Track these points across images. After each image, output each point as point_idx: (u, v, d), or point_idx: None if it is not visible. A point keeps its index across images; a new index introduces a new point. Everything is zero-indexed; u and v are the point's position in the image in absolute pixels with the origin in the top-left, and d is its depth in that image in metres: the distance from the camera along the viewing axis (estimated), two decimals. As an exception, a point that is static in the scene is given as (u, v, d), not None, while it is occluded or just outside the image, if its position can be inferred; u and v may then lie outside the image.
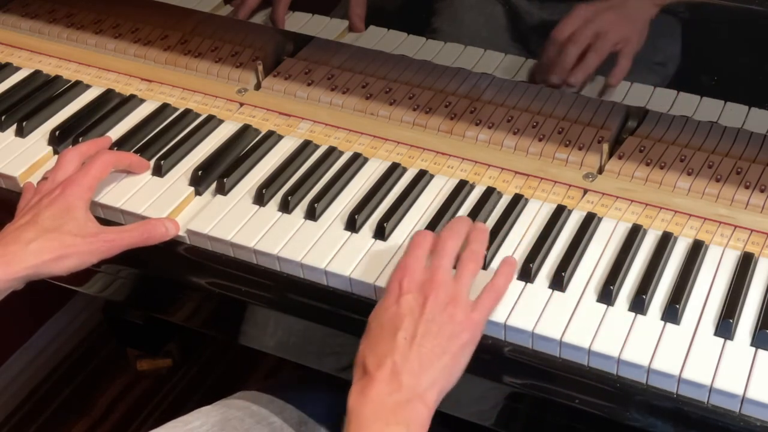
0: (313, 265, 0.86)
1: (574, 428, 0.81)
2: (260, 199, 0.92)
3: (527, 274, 0.83)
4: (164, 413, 1.65)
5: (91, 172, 0.90)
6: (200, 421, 0.94)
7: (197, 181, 0.95)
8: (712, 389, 0.74)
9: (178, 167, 0.98)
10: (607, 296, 0.81)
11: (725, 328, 0.78)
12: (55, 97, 1.09)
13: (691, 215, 0.89)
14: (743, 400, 0.74)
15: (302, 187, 0.93)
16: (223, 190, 0.94)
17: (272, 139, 1.01)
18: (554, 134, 0.98)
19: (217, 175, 0.96)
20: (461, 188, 0.93)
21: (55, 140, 1.02)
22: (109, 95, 1.09)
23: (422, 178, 0.95)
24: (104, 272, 0.96)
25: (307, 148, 0.99)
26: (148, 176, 0.97)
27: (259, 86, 1.09)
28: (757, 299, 0.81)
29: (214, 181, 0.95)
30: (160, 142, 1.01)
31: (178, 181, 0.96)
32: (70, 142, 1.02)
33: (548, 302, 0.81)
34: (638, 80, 0.87)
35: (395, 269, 0.80)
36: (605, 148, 0.95)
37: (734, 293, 0.81)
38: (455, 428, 1.01)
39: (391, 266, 0.85)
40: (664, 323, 0.79)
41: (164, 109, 1.06)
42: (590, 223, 0.88)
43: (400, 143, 1.00)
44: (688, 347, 0.77)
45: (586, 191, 0.93)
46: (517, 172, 0.96)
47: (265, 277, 0.88)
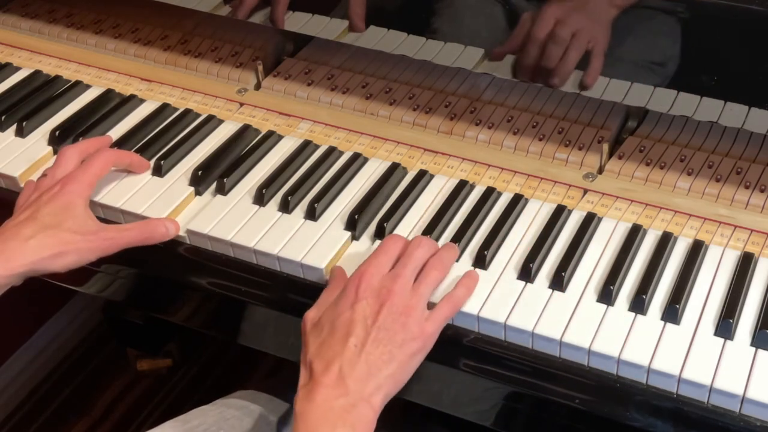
0: (313, 265, 0.86)
1: (574, 428, 0.81)
2: (260, 199, 0.92)
3: (527, 274, 0.83)
4: (164, 413, 1.65)
5: (90, 169, 0.90)
6: (199, 420, 0.94)
7: (197, 181, 0.95)
8: (712, 389, 0.74)
9: (178, 167, 0.98)
10: (607, 296, 0.81)
11: (725, 328, 0.78)
12: (55, 97, 1.09)
13: (691, 215, 0.89)
14: (743, 400, 0.74)
15: (302, 187, 0.93)
16: (223, 190, 0.94)
17: (272, 139, 1.01)
18: (554, 134, 0.98)
19: (217, 175, 0.96)
20: (461, 188, 0.93)
21: (55, 140, 1.02)
22: (109, 95, 1.09)
23: (422, 178, 0.95)
24: (104, 272, 0.96)
25: (307, 148, 0.99)
26: (148, 176, 0.97)
27: (259, 86, 1.09)
28: (757, 299, 0.81)
29: (214, 181, 0.95)
30: (160, 142, 1.01)
31: (178, 181, 0.96)
32: (70, 142, 1.02)
33: (548, 302, 0.81)
34: (638, 80, 0.87)
35: (355, 272, 0.79)
36: (605, 148, 0.95)
37: (734, 293, 0.81)
38: (455, 428, 1.01)
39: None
40: (664, 323, 0.79)
41: (164, 109, 1.06)
42: (590, 223, 0.88)
43: (400, 143, 1.00)
44: (688, 347, 0.77)
45: (586, 191, 0.93)
46: (517, 172, 0.96)
47: (265, 277, 0.88)
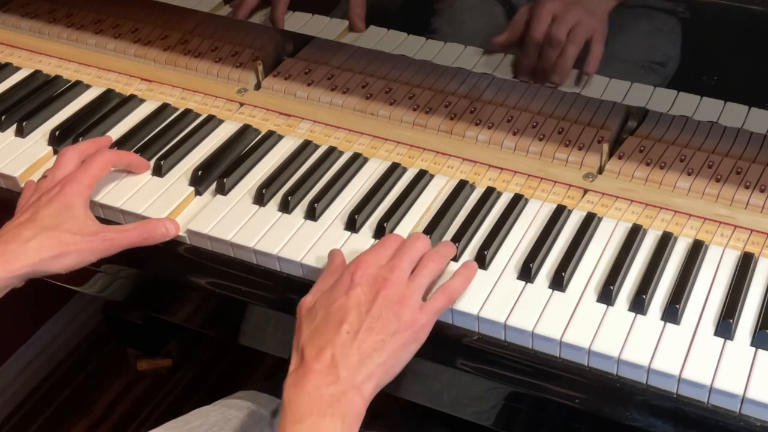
0: (312, 265, 0.86)
1: (574, 428, 0.81)
2: (260, 199, 0.92)
3: (527, 274, 0.83)
4: (164, 413, 1.65)
5: (90, 170, 0.90)
6: (200, 420, 0.94)
7: (197, 181, 0.95)
8: (712, 389, 0.74)
9: (178, 167, 0.98)
10: (607, 296, 0.81)
11: (725, 328, 0.78)
12: (55, 97, 1.09)
13: (691, 215, 0.89)
14: (743, 400, 0.74)
15: (302, 187, 0.93)
16: (223, 190, 0.94)
17: (272, 139, 1.01)
18: (554, 134, 0.98)
19: (217, 175, 0.96)
20: (461, 188, 0.93)
21: (55, 140, 1.02)
22: (109, 95, 1.09)
23: (422, 178, 0.95)
24: (104, 272, 0.96)
25: (307, 148, 0.99)
26: (148, 176, 0.97)
27: (259, 86, 1.09)
28: (757, 299, 0.81)
29: (214, 181, 0.95)
30: (160, 142, 1.01)
31: (178, 181, 0.96)
32: (70, 142, 1.02)
33: (548, 302, 0.81)
34: (638, 80, 0.87)
35: (353, 261, 0.79)
36: (605, 148, 0.95)
37: (734, 293, 0.81)
38: (455, 428, 1.01)
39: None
40: (664, 323, 0.79)
41: (164, 109, 1.06)
42: (590, 223, 0.88)
43: (400, 143, 1.00)
44: (688, 347, 0.77)
45: (586, 191, 0.93)
46: (517, 172, 0.96)
47: (265, 277, 0.88)
